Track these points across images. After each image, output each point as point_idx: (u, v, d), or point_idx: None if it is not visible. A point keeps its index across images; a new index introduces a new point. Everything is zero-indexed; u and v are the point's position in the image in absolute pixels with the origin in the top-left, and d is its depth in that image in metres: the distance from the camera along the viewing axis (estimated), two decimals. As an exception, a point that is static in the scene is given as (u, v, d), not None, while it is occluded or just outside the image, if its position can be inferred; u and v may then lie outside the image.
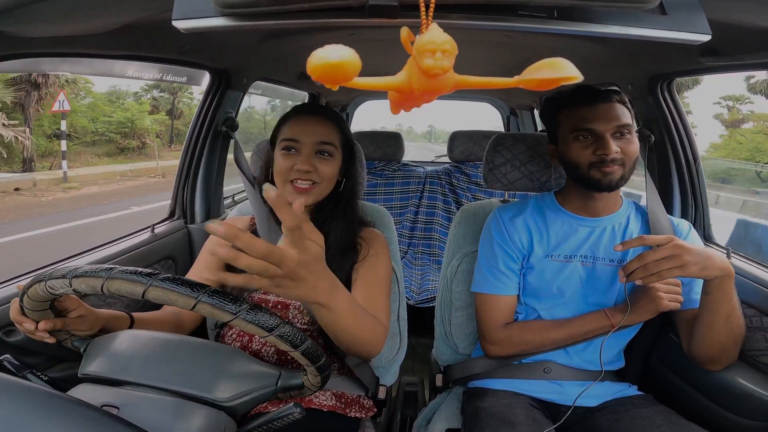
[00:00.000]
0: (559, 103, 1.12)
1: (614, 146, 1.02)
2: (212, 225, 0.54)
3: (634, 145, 1.06)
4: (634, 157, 1.06)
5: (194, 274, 1.15)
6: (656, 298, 1.01)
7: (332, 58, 0.39)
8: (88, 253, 1.33)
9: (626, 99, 1.08)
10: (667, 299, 1.01)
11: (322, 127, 1.07)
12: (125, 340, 0.77)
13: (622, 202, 1.17)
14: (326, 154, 1.07)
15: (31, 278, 0.70)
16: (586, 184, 1.09)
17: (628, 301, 1.06)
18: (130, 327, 0.94)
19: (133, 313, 0.96)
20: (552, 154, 1.18)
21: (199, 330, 1.17)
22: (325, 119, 1.09)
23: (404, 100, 0.49)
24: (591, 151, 1.05)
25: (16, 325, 0.78)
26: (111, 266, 0.65)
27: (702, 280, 1.08)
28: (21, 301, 0.73)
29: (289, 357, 0.92)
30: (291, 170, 1.05)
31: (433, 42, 0.41)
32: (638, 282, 0.94)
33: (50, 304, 0.75)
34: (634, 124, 1.08)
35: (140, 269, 0.65)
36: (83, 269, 0.66)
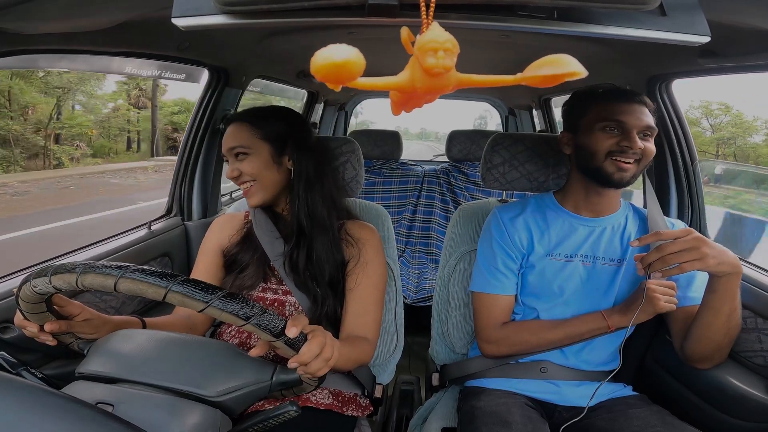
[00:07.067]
0: (592, 94, 1.12)
1: (639, 142, 1.03)
2: None
3: (653, 147, 1.07)
4: (649, 159, 1.07)
5: (198, 276, 1.15)
6: (653, 300, 1.01)
7: (336, 58, 0.38)
8: (83, 250, 1.32)
9: (653, 106, 1.09)
10: (664, 300, 1.01)
11: (231, 135, 1.12)
12: (120, 339, 0.77)
13: (621, 204, 1.18)
14: (242, 155, 1.11)
15: (20, 280, 0.70)
16: (595, 176, 1.08)
17: (628, 301, 1.06)
18: None
19: (145, 318, 0.96)
20: (566, 142, 1.17)
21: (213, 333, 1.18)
22: (236, 124, 1.13)
23: (406, 101, 0.49)
24: (615, 141, 1.05)
25: (23, 331, 0.78)
26: (85, 262, 0.66)
27: (699, 278, 1.08)
28: (18, 304, 0.73)
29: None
30: (231, 179, 1.13)
31: (435, 41, 0.41)
32: (657, 275, 0.93)
33: (47, 307, 0.75)
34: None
35: (113, 263, 0.65)
36: (61, 266, 0.66)
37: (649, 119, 1.06)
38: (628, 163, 1.04)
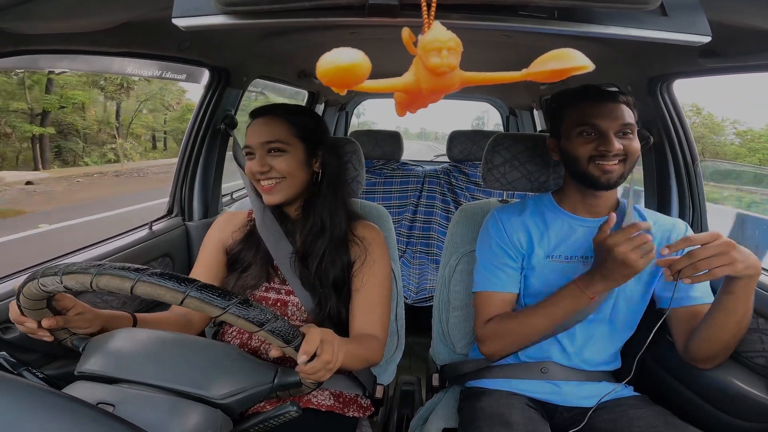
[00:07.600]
0: (567, 98, 1.12)
1: (617, 143, 1.02)
2: None
3: (636, 143, 1.06)
4: (636, 155, 1.06)
5: (198, 273, 1.15)
6: (630, 263, 0.92)
7: (343, 62, 0.38)
8: (85, 250, 1.32)
9: (631, 101, 1.09)
10: (643, 261, 0.92)
11: (267, 127, 1.08)
12: (122, 338, 0.77)
13: (619, 203, 1.17)
14: (277, 151, 1.07)
15: (25, 277, 0.70)
16: (583, 180, 1.08)
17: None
18: (133, 327, 0.94)
19: (136, 314, 0.96)
20: (552, 149, 1.18)
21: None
22: (272, 118, 1.09)
23: (411, 102, 0.49)
24: (593, 147, 1.04)
25: (17, 325, 0.77)
26: (100, 262, 0.65)
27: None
28: (18, 300, 0.73)
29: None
30: (253, 173, 1.08)
31: (438, 40, 0.41)
32: (686, 281, 0.91)
33: (47, 303, 0.75)
34: (636, 125, 1.08)
35: (129, 265, 0.65)
36: (73, 266, 0.66)
37: (626, 117, 1.05)
38: (612, 164, 1.04)
